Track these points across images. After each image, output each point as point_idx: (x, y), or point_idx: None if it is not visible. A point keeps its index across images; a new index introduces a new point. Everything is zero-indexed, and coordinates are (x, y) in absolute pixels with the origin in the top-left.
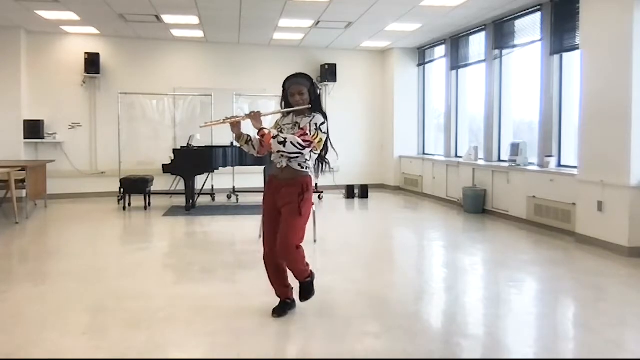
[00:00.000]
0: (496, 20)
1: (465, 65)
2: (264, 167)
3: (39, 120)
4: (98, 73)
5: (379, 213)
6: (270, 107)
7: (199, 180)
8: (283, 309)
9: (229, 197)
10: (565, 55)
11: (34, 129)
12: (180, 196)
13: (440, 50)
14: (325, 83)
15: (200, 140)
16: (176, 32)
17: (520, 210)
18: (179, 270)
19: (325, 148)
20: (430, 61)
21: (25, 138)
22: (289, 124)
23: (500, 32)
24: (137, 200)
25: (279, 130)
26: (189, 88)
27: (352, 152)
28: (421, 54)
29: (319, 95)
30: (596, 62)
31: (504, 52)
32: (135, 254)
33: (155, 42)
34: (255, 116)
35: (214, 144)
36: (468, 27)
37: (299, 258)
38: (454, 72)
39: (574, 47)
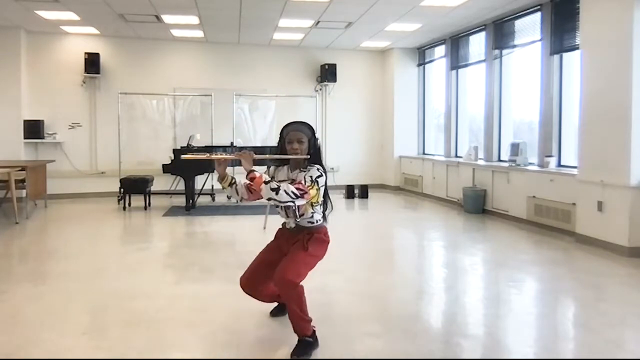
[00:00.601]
0: (496, 20)
1: (465, 65)
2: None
3: (39, 120)
4: (98, 73)
5: (379, 213)
6: (270, 107)
7: (199, 180)
8: (281, 309)
9: (229, 197)
10: (565, 55)
11: (34, 129)
12: (180, 196)
13: (440, 50)
14: (325, 83)
15: (200, 140)
16: (176, 32)
17: (520, 210)
18: (179, 270)
19: (325, 197)
20: (430, 61)
21: (25, 138)
22: (284, 180)
23: (500, 32)
24: (137, 200)
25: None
26: (189, 88)
27: (352, 152)
28: (421, 54)
29: (319, 147)
30: (596, 62)
31: (504, 52)
32: (135, 254)
33: (155, 42)
34: (246, 156)
35: (214, 144)
36: (468, 27)
37: (294, 296)
38: (454, 72)
39: (574, 47)
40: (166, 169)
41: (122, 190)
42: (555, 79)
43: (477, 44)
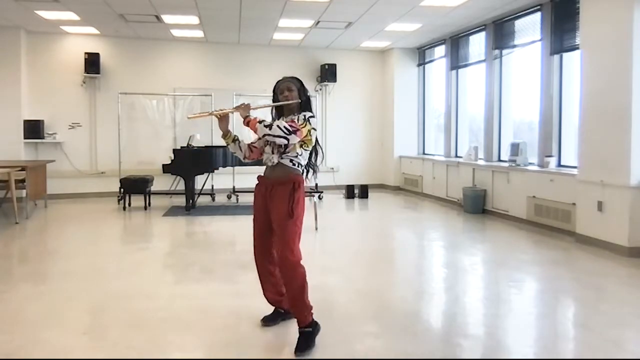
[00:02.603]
0: (496, 20)
1: (465, 65)
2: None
3: (39, 120)
4: (98, 73)
5: (379, 213)
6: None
7: (199, 180)
8: (274, 318)
9: (229, 197)
10: (565, 55)
11: (34, 129)
12: (180, 196)
13: (440, 50)
14: (325, 83)
15: (200, 140)
16: (176, 32)
17: (520, 210)
18: (179, 270)
19: (315, 150)
20: (430, 61)
21: (25, 138)
22: (269, 125)
23: (500, 32)
24: (137, 200)
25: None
26: (189, 88)
27: (352, 152)
28: (421, 54)
29: (309, 97)
30: (596, 62)
31: (504, 52)
32: (135, 254)
33: (155, 42)
34: (244, 107)
35: (214, 144)
36: (468, 27)
37: (297, 275)
38: (454, 72)
39: (574, 47)
40: (166, 169)
41: (122, 190)
42: (555, 79)
43: (477, 44)
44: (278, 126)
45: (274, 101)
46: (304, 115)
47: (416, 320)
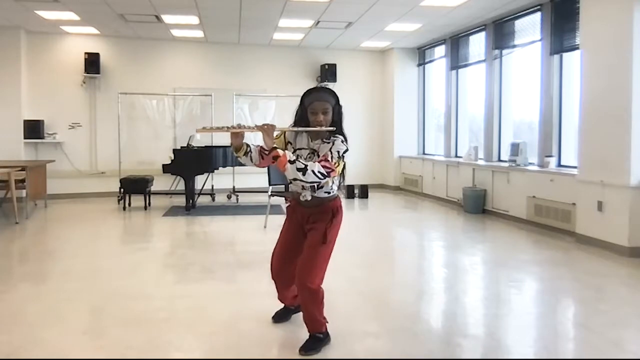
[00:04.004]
0: (496, 20)
1: (465, 65)
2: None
3: (39, 120)
4: (98, 73)
5: (379, 213)
6: (271, 106)
7: (199, 180)
8: (285, 315)
9: (229, 197)
10: (565, 55)
11: (34, 129)
12: (180, 196)
13: (440, 50)
14: (325, 83)
15: (200, 140)
16: (176, 32)
17: (520, 210)
18: (179, 270)
19: (342, 173)
20: (430, 61)
21: (25, 138)
22: (304, 148)
23: (500, 32)
24: (137, 200)
25: (294, 154)
26: (189, 88)
27: (352, 152)
28: (421, 54)
29: (342, 115)
30: (596, 62)
31: (504, 52)
32: (135, 254)
33: (155, 42)
34: (268, 130)
35: (213, 144)
36: (468, 27)
37: (316, 300)
38: (454, 72)
39: (574, 47)
40: (166, 169)
41: (122, 190)
42: (555, 79)
43: (477, 44)
44: (313, 171)
45: (298, 111)
46: (338, 152)
47: (416, 320)
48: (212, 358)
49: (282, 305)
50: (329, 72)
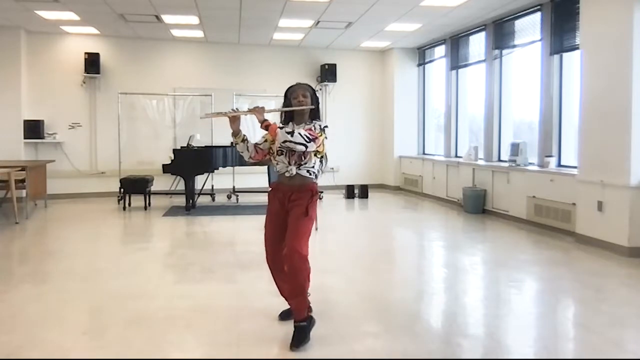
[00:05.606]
0: (496, 20)
1: (465, 65)
2: (266, 166)
3: (39, 120)
4: (98, 73)
5: (379, 213)
6: (271, 106)
7: (199, 180)
8: (291, 313)
9: (229, 197)
10: (565, 55)
11: (34, 129)
12: (180, 196)
13: (440, 50)
14: (325, 83)
15: (200, 140)
16: (176, 32)
17: (520, 210)
18: (179, 270)
19: (324, 157)
20: (430, 61)
21: (25, 138)
22: (290, 132)
23: (500, 32)
24: (137, 200)
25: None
26: (189, 88)
27: (352, 152)
28: (421, 54)
29: (319, 105)
30: (596, 62)
31: (504, 52)
32: (135, 254)
33: (155, 42)
34: (259, 110)
35: (214, 144)
36: (468, 27)
37: (305, 267)
38: (454, 72)
39: (574, 47)
40: (166, 169)
41: (122, 190)
42: (555, 79)
43: (477, 44)
44: (300, 134)
45: (284, 104)
46: (320, 125)
47: (416, 320)
48: (212, 358)
49: (287, 306)
50: (329, 72)
